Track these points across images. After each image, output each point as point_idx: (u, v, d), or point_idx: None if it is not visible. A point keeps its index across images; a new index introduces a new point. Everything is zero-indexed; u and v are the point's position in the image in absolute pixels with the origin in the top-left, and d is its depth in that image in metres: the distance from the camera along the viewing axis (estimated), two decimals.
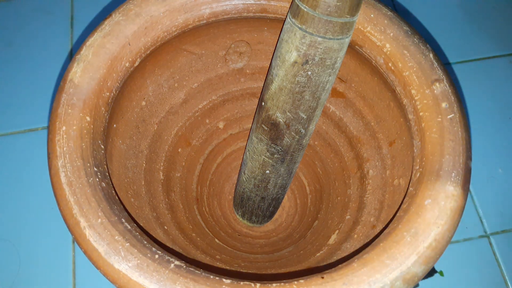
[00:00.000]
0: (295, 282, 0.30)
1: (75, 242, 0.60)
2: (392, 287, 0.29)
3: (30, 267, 0.59)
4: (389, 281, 0.29)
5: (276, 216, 0.59)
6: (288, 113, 0.39)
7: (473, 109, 0.71)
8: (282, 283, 0.30)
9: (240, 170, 0.53)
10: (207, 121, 0.54)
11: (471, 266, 0.60)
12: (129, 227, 0.31)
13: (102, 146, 0.35)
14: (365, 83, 0.46)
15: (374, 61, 0.40)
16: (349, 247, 0.44)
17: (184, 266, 0.30)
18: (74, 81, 0.35)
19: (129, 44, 0.38)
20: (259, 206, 0.53)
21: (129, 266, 0.29)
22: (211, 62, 0.49)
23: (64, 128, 0.34)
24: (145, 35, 0.39)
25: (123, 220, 0.31)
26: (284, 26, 0.36)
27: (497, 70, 0.74)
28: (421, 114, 0.36)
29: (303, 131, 0.41)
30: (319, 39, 0.34)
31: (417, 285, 0.59)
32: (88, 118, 0.35)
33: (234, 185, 0.59)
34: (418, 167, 0.35)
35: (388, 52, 0.39)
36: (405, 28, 0.39)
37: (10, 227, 0.62)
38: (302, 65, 0.35)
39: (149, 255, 0.30)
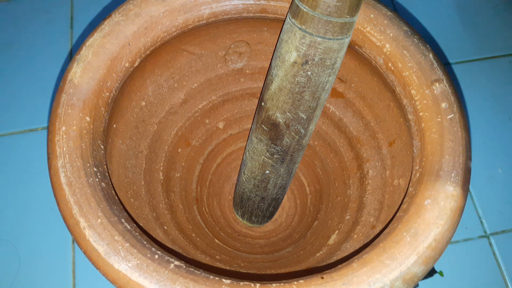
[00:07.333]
0: (295, 282, 0.30)
1: (75, 242, 0.60)
2: (392, 287, 0.29)
3: (30, 267, 0.59)
4: (389, 281, 0.29)
5: (276, 216, 0.59)
6: (288, 113, 0.39)
7: (473, 109, 0.71)
8: (282, 283, 0.30)
9: (240, 170, 0.53)
10: (207, 121, 0.54)
11: (471, 266, 0.60)
12: (129, 227, 0.31)
13: (102, 146, 0.35)
14: (365, 83, 0.46)
15: (373, 61, 0.40)
16: (349, 247, 0.44)
17: (184, 266, 0.30)
18: (74, 81, 0.35)
19: (129, 44, 0.38)
20: (258, 206, 0.53)
21: (129, 266, 0.29)
22: (211, 62, 0.49)
23: (64, 128, 0.34)
24: (145, 35, 0.39)
25: (123, 220, 0.31)
26: (283, 26, 0.36)
27: (497, 70, 0.74)
28: (421, 114, 0.36)
29: (303, 131, 0.41)
30: (319, 39, 0.34)
31: (417, 285, 0.59)
32: (88, 118, 0.35)
33: (234, 185, 0.59)
34: (417, 167, 0.35)
35: (388, 52, 0.39)
36: (405, 28, 0.39)
37: (10, 227, 0.62)
38: (302, 65, 0.35)
39: (149, 255, 0.30)
